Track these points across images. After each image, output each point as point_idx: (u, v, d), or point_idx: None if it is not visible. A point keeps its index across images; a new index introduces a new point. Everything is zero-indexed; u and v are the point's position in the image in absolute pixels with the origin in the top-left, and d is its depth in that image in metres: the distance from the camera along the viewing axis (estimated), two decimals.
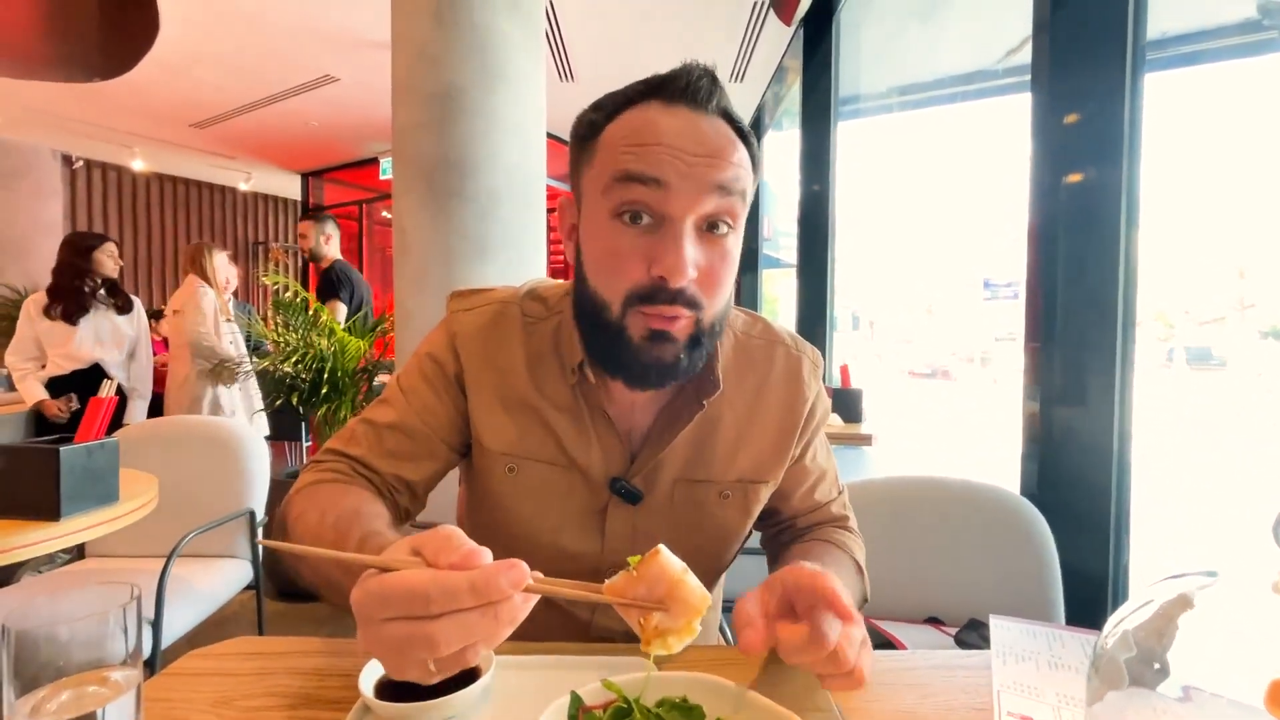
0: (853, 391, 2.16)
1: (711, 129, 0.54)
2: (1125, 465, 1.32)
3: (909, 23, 3.41)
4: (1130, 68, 1.27)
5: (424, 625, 0.34)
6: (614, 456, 0.64)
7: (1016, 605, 0.98)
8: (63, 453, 0.99)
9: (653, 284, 0.53)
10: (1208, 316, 5.85)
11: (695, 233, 0.54)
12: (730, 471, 0.66)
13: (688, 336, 0.56)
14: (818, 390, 0.71)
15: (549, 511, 0.65)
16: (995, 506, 1.02)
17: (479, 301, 0.68)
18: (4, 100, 4.61)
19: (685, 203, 0.52)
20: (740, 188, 0.55)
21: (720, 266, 0.55)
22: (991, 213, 4.35)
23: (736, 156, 0.55)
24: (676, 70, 0.56)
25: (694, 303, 0.55)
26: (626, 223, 0.54)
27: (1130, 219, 1.30)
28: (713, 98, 0.55)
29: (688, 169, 0.52)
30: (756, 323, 0.72)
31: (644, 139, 0.53)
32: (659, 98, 0.55)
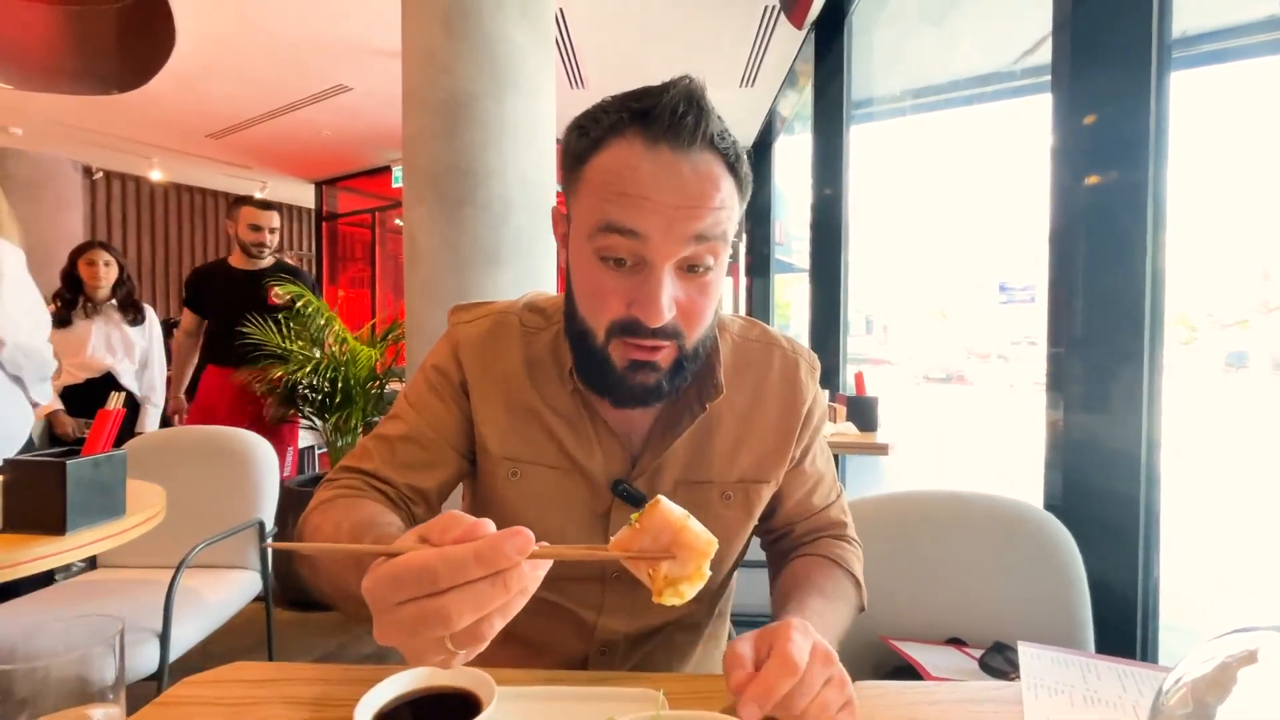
0: (868, 399, 2.12)
1: (693, 172, 0.54)
2: (1154, 476, 1.27)
3: (922, 25, 3.37)
4: (1155, 66, 1.23)
5: (435, 601, 0.34)
6: (615, 459, 0.65)
7: (1042, 625, 0.94)
8: (69, 466, 0.99)
9: (633, 320, 0.56)
10: (1231, 319, 5.72)
11: (674, 273, 0.56)
12: (731, 472, 0.67)
13: (670, 363, 0.58)
14: (815, 392, 0.72)
15: (552, 515, 0.66)
16: (1019, 522, 0.98)
17: (479, 313, 0.71)
18: (27, 113, 4.70)
19: (664, 251, 0.54)
20: (720, 231, 0.55)
21: (700, 300, 0.57)
22: (1007, 215, 4.29)
23: (719, 198, 0.55)
24: (660, 99, 0.54)
25: (674, 334, 0.57)
26: (610, 266, 0.56)
27: (1157, 221, 1.25)
28: (697, 132, 0.54)
29: (667, 223, 0.53)
30: (753, 327, 0.74)
31: (625, 188, 0.54)
32: (642, 133, 0.54)
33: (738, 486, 0.67)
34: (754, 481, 0.68)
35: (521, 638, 0.70)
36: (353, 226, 7.25)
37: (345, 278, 7.46)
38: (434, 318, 2.26)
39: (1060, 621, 0.94)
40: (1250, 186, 2.69)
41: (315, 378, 2.48)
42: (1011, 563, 0.96)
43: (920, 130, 3.68)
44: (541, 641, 0.70)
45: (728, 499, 0.67)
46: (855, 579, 0.69)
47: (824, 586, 0.64)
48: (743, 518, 0.69)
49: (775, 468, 0.69)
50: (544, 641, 0.70)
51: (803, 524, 0.74)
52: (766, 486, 0.69)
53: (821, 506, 0.75)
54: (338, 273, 7.45)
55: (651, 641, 0.70)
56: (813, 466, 0.73)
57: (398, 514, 0.61)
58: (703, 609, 0.73)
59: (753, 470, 0.68)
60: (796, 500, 0.73)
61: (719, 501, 0.67)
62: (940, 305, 10.02)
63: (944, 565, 0.98)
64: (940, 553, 0.99)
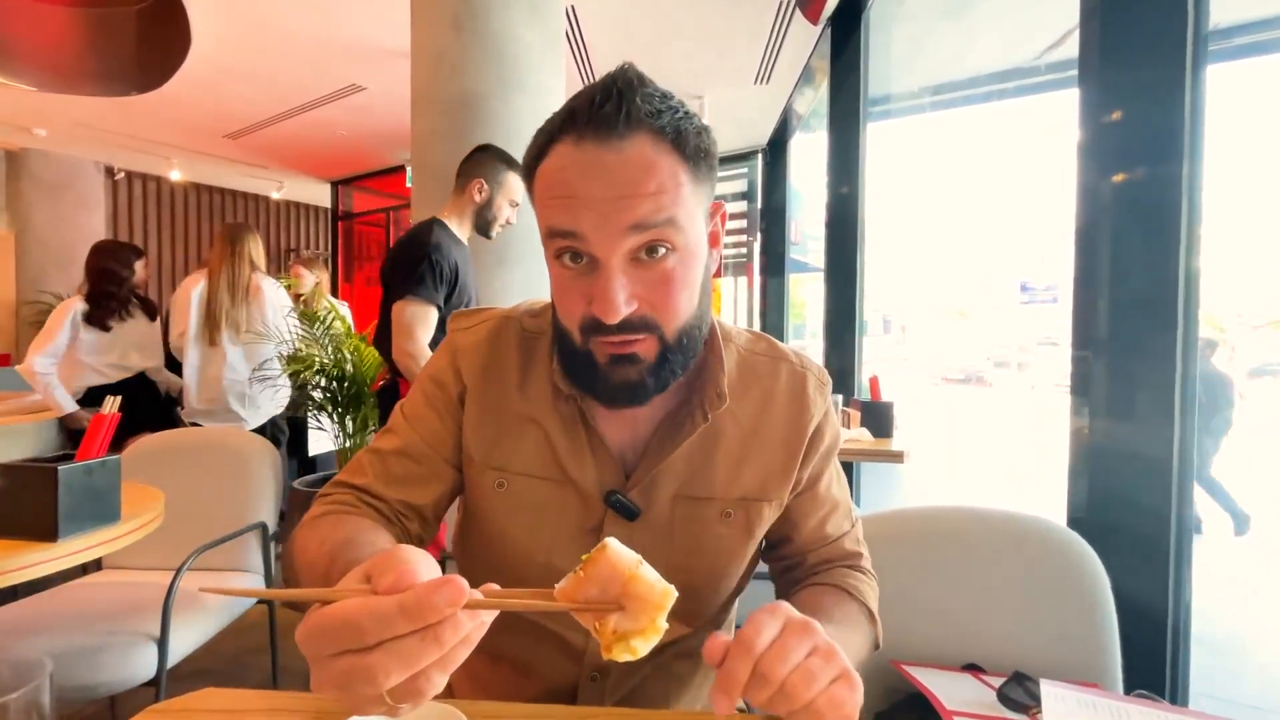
0: (883, 404, 2.06)
1: (620, 162, 0.51)
2: (1186, 492, 1.21)
3: (941, 20, 3.29)
4: (1191, 59, 1.16)
5: (362, 659, 0.31)
6: (610, 470, 0.62)
7: (1065, 652, 0.89)
8: (61, 472, 0.97)
9: (595, 319, 0.54)
10: (1262, 320, 5.55)
11: (627, 265, 0.53)
12: (733, 489, 0.64)
13: (653, 356, 0.56)
14: (825, 410, 0.68)
15: (540, 528, 0.63)
16: (1042, 540, 0.93)
17: (478, 319, 0.69)
18: (51, 115, 4.78)
19: (604, 246, 0.52)
20: (664, 216, 0.52)
21: (664, 289, 0.54)
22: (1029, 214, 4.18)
23: (654, 183, 0.52)
24: (582, 96, 0.53)
25: (645, 326, 0.55)
26: (567, 264, 0.55)
27: (1192, 219, 1.19)
28: (618, 119, 0.51)
29: (601, 218, 0.52)
30: (760, 340, 0.71)
31: (559, 191, 0.53)
32: (570, 132, 0.53)
33: (739, 504, 0.64)
34: (756, 500, 0.64)
35: (510, 659, 0.67)
36: (368, 226, 7.30)
37: (361, 276, 7.51)
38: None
39: (1085, 648, 0.88)
40: None
41: (322, 377, 2.48)
42: (1033, 584, 0.91)
43: (939, 127, 3.60)
44: (530, 664, 0.66)
45: (728, 517, 0.64)
46: (870, 612, 0.65)
47: (834, 615, 0.60)
48: (743, 538, 0.65)
49: (779, 487, 0.65)
50: (532, 664, 0.66)
51: (815, 553, 0.70)
52: (769, 506, 0.65)
53: (835, 536, 0.70)
54: (353, 271, 7.51)
55: (647, 668, 0.66)
56: (826, 492, 0.69)
57: (390, 530, 0.60)
58: (702, 635, 0.68)
59: (755, 488, 0.64)
60: (809, 528, 0.69)
61: (718, 519, 0.63)
62: (960, 305, 9.86)
63: (961, 586, 0.93)
64: (957, 572, 0.94)
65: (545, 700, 0.65)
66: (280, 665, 1.75)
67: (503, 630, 0.66)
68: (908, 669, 0.85)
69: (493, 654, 0.68)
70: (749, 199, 5.72)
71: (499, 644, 0.67)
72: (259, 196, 7.49)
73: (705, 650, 0.42)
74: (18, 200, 5.68)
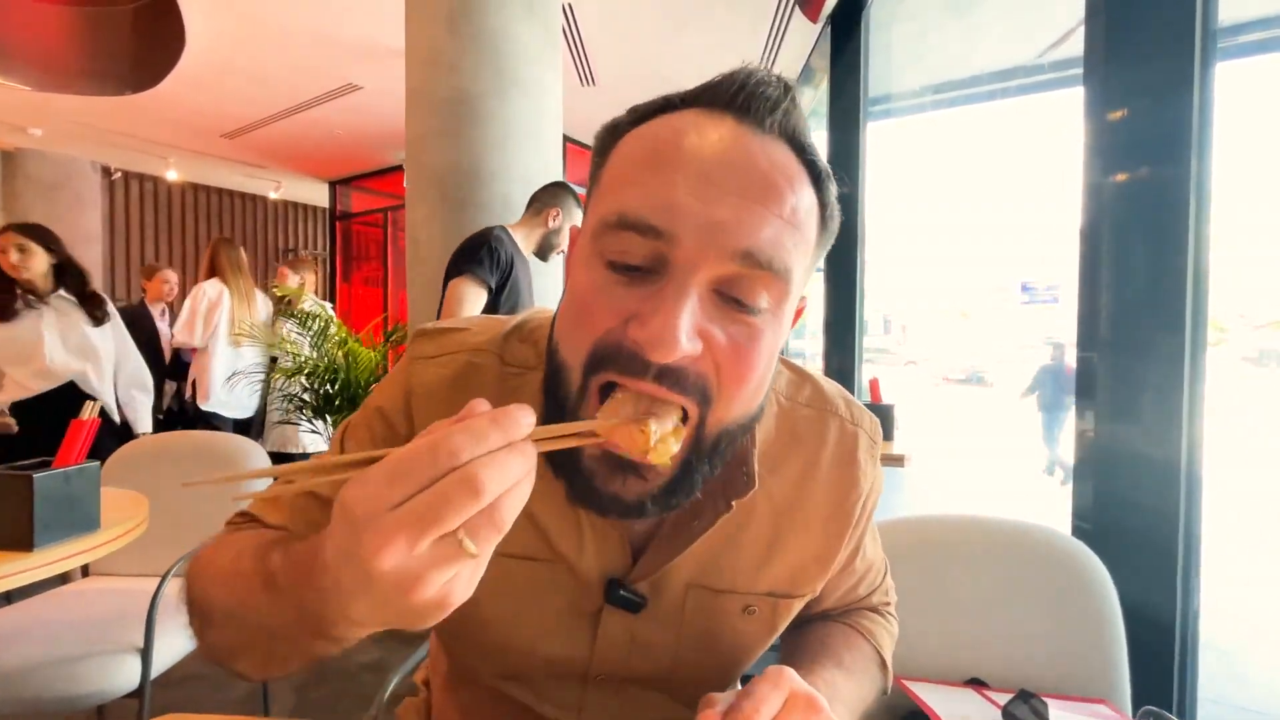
0: (883, 408, 2.03)
1: (763, 153, 0.39)
2: (1195, 496, 1.18)
3: (943, 17, 3.26)
4: (1199, 56, 1.13)
5: (461, 473, 0.27)
6: (612, 554, 0.50)
7: (1072, 666, 0.86)
8: (37, 479, 0.95)
9: (626, 345, 0.38)
10: (1264, 320, 5.53)
11: (708, 297, 0.39)
12: (759, 582, 0.52)
13: (678, 458, 0.40)
14: (874, 478, 0.55)
15: (525, 613, 0.52)
16: (1048, 551, 0.90)
17: (448, 347, 0.53)
18: (47, 114, 4.75)
19: (698, 252, 0.37)
20: (782, 265, 0.38)
21: (747, 348, 0.39)
22: (1030, 214, 4.15)
23: (792, 203, 0.39)
24: (736, 72, 0.40)
25: (693, 388, 0.38)
26: (615, 273, 0.39)
27: (1200, 219, 1.16)
28: (775, 110, 0.39)
29: (709, 217, 0.37)
30: (804, 385, 0.55)
31: (663, 163, 0.38)
32: (699, 105, 0.40)
33: (765, 600, 0.53)
34: (786, 596, 0.53)
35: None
36: (365, 225, 7.28)
37: (359, 276, 7.49)
38: (435, 318, 2.21)
39: (1092, 662, 0.86)
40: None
41: (314, 380, 2.45)
42: (1039, 596, 0.89)
43: (940, 127, 3.58)
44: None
45: (750, 613, 0.53)
46: (881, 659, 0.59)
47: (843, 659, 0.55)
48: (765, 634, 0.55)
49: (814, 579, 0.54)
50: None
51: (839, 611, 0.63)
52: (800, 600, 0.55)
53: (865, 595, 0.63)
54: (351, 271, 7.48)
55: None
56: (862, 561, 0.60)
57: None
58: None
59: (786, 582, 0.53)
60: (839, 596, 0.61)
61: (739, 615, 0.52)
62: (961, 305, 9.85)
63: (964, 597, 0.91)
64: (960, 583, 0.91)
65: None
66: None
67: (477, 700, 0.58)
68: (908, 684, 0.83)
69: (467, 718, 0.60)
70: None
71: (473, 715, 0.59)
72: (256, 196, 7.46)
73: (701, 704, 0.38)
74: (13, 200, 5.66)
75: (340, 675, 1.95)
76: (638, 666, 0.53)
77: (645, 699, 0.55)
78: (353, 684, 1.90)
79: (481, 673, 0.55)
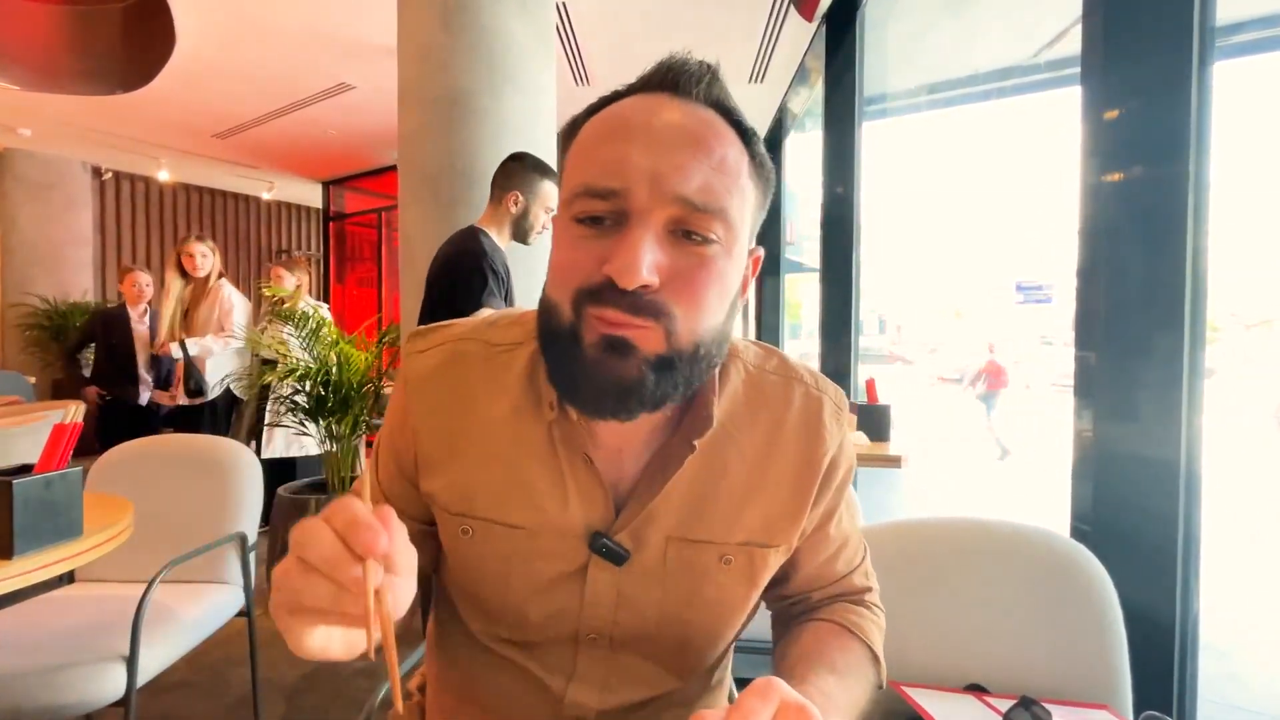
0: (880, 408, 2.02)
1: (689, 117, 0.48)
2: (1194, 497, 1.17)
3: (938, 17, 3.26)
4: (1197, 55, 1.13)
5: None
6: (596, 508, 0.55)
7: (1073, 670, 0.85)
8: (15, 486, 0.92)
9: (604, 281, 0.46)
10: (1255, 319, 5.56)
11: (662, 234, 0.47)
12: (735, 532, 0.56)
13: (655, 354, 0.47)
14: (841, 440, 0.59)
15: (512, 577, 0.56)
16: (1047, 554, 0.89)
17: (435, 340, 0.60)
18: (36, 114, 4.70)
19: (646, 200, 0.46)
20: (718, 205, 0.47)
21: (699, 274, 0.47)
22: (1025, 213, 4.15)
23: (720, 153, 0.47)
24: (662, 60, 0.50)
25: (657, 310, 0.46)
26: (586, 227, 0.48)
27: (1198, 218, 1.16)
28: (699, 83, 0.48)
29: (651, 168, 0.46)
30: (771, 355, 0.62)
31: (607, 135, 0.48)
32: (639, 90, 0.50)
33: (741, 549, 0.56)
34: (761, 545, 0.57)
35: (489, 706, 0.62)
36: (359, 226, 7.24)
37: (353, 277, 7.45)
38: None
39: (1092, 666, 0.84)
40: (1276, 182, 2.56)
41: (308, 383, 2.43)
42: (1039, 599, 0.87)
43: (935, 126, 3.58)
44: (500, 707, 0.61)
45: (728, 563, 0.56)
46: (873, 653, 0.60)
47: (835, 661, 0.55)
48: (745, 586, 0.58)
49: (787, 531, 0.58)
50: (502, 708, 0.60)
51: (820, 591, 0.64)
52: (775, 552, 0.58)
53: (844, 573, 0.64)
54: (345, 272, 7.44)
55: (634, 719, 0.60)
56: (837, 529, 0.62)
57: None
58: (696, 684, 0.63)
59: (760, 532, 0.57)
60: (816, 566, 0.63)
61: (717, 565, 0.56)
62: (955, 304, 9.89)
63: (963, 601, 0.89)
64: (959, 587, 0.90)
65: None
66: (261, 677, 1.70)
67: (475, 664, 0.61)
68: (908, 690, 0.81)
69: (464, 690, 0.63)
70: None
71: (472, 679, 0.62)
72: (249, 197, 7.42)
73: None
74: (3, 201, 5.60)
75: (331, 680, 1.93)
76: (625, 623, 0.56)
77: (636, 667, 0.58)
78: (344, 689, 1.88)
79: (479, 635, 0.60)
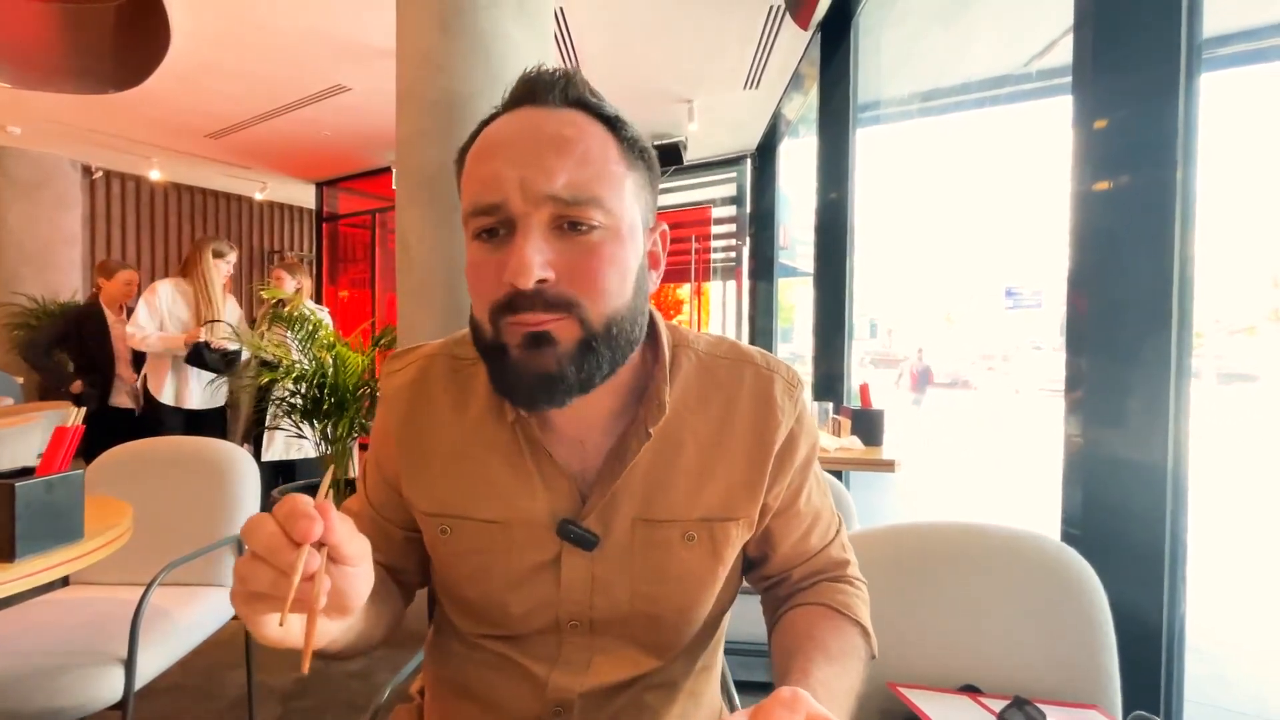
0: (874, 412, 2.04)
1: (549, 119, 0.51)
2: (1181, 499, 1.20)
3: (931, 26, 3.30)
4: (1185, 66, 1.16)
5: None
6: (562, 498, 0.58)
7: (1064, 671, 0.87)
8: (18, 488, 0.92)
9: (509, 293, 0.50)
10: (1238, 325, 5.64)
11: (545, 232, 0.50)
12: (694, 509, 0.59)
13: (574, 341, 0.51)
14: (796, 415, 0.62)
15: (491, 571, 0.60)
16: (1038, 557, 0.91)
17: (406, 360, 0.66)
18: (26, 112, 4.66)
19: (523, 205, 0.50)
20: (590, 195, 0.50)
21: (588, 260, 0.50)
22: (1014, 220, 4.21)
23: (583, 146, 0.51)
24: (520, 75, 0.54)
25: (562, 302, 0.50)
26: (484, 241, 0.52)
27: (1185, 226, 1.18)
28: (555, 89, 0.52)
29: (521, 177, 0.49)
30: (722, 343, 0.65)
31: (483, 156, 0.52)
32: (506, 109, 0.54)
33: (702, 525, 0.59)
34: (721, 520, 0.60)
35: (475, 695, 0.64)
36: (353, 227, 7.21)
37: (345, 278, 7.42)
38: (427, 323, 2.20)
39: (1083, 668, 0.86)
40: (1260, 192, 2.62)
41: (303, 384, 2.42)
42: (1031, 602, 0.89)
43: (928, 134, 3.62)
44: (494, 699, 0.62)
45: (690, 540, 0.59)
46: (863, 628, 0.62)
47: (829, 645, 0.57)
48: (710, 561, 0.60)
49: (746, 504, 0.60)
50: (497, 699, 0.62)
51: (800, 568, 0.67)
52: (736, 526, 0.60)
53: (820, 547, 0.67)
54: (338, 274, 7.41)
55: (616, 704, 0.62)
56: (807, 505, 0.65)
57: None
58: (678, 665, 0.64)
59: (719, 507, 0.59)
60: (791, 544, 0.66)
61: (680, 542, 0.59)
62: (946, 310, 9.96)
63: (957, 604, 0.91)
64: (953, 590, 0.92)
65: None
66: (256, 682, 1.70)
67: (466, 660, 0.64)
68: (903, 691, 0.83)
69: (457, 685, 0.65)
70: (738, 203, 5.71)
71: (464, 675, 0.64)
72: (241, 197, 7.37)
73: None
74: None
75: (326, 684, 1.93)
76: (601, 606, 0.59)
77: (616, 648, 0.61)
78: (340, 693, 1.88)
79: (469, 635, 0.63)
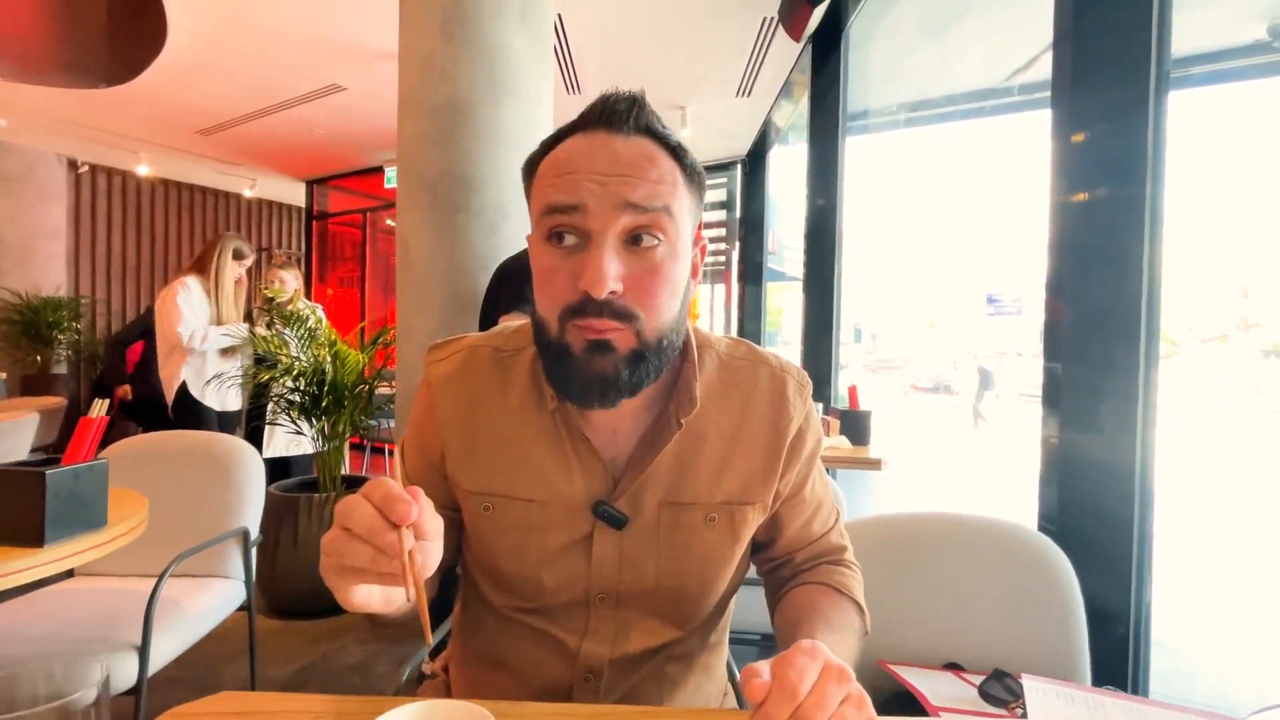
0: (861, 413, 2.12)
1: (625, 147, 0.57)
2: (1148, 496, 1.28)
3: (919, 40, 3.40)
4: (1154, 84, 1.24)
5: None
6: (597, 481, 0.64)
7: (1039, 650, 0.93)
8: (49, 476, 0.95)
9: (581, 298, 0.55)
10: (1210, 334, 5.83)
11: (618, 246, 0.56)
12: (716, 493, 0.65)
13: (629, 350, 0.57)
14: (806, 412, 0.69)
15: (527, 548, 0.65)
16: (1016, 545, 0.98)
17: (451, 350, 0.70)
18: (13, 104, 4.61)
19: (601, 220, 0.55)
20: (660, 204, 0.56)
21: (650, 278, 0.57)
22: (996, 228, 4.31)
23: (656, 172, 0.57)
24: (595, 102, 0.59)
25: (625, 314, 0.56)
26: (556, 245, 0.57)
27: (1154, 237, 1.27)
28: (629, 118, 0.57)
29: (601, 189, 0.55)
30: (740, 345, 0.72)
31: (563, 169, 0.57)
32: (581, 129, 0.59)
33: (722, 508, 0.66)
34: (739, 504, 0.66)
35: (505, 663, 0.69)
36: (343, 226, 7.19)
37: (335, 277, 7.39)
38: (426, 322, 2.24)
39: (1056, 647, 0.93)
40: (1231, 205, 2.73)
41: (302, 381, 2.44)
42: (1009, 586, 0.96)
43: (913, 144, 3.72)
44: (524, 667, 0.68)
45: (712, 521, 0.65)
46: (859, 605, 0.69)
47: (830, 617, 0.63)
48: (729, 541, 0.66)
49: (762, 490, 0.67)
50: (526, 667, 0.68)
51: (802, 551, 0.73)
52: (753, 509, 0.67)
53: (821, 533, 0.73)
54: (327, 272, 7.38)
55: (640, 672, 0.68)
56: (811, 494, 0.72)
57: None
58: (694, 639, 0.71)
59: (738, 492, 0.66)
60: (796, 529, 0.72)
61: (703, 524, 0.65)
62: (929, 316, 10.11)
63: (941, 588, 0.98)
64: (937, 575, 0.98)
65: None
66: (259, 674, 1.73)
67: (499, 633, 0.69)
68: (894, 668, 0.89)
69: (489, 657, 0.70)
70: (728, 208, 5.80)
71: (496, 647, 0.69)
72: (230, 194, 7.32)
73: (747, 690, 0.44)
74: None
75: (325, 676, 1.95)
76: (629, 581, 0.65)
77: (640, 621, 0.66)
78: (338, 684, 1.91)
79: (501, 609, 0.68)
